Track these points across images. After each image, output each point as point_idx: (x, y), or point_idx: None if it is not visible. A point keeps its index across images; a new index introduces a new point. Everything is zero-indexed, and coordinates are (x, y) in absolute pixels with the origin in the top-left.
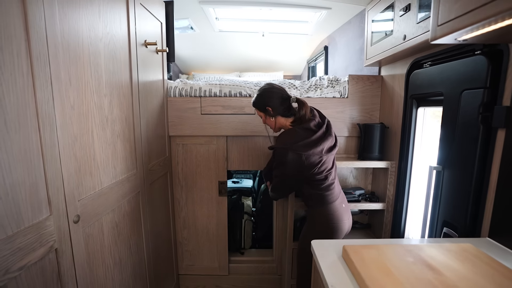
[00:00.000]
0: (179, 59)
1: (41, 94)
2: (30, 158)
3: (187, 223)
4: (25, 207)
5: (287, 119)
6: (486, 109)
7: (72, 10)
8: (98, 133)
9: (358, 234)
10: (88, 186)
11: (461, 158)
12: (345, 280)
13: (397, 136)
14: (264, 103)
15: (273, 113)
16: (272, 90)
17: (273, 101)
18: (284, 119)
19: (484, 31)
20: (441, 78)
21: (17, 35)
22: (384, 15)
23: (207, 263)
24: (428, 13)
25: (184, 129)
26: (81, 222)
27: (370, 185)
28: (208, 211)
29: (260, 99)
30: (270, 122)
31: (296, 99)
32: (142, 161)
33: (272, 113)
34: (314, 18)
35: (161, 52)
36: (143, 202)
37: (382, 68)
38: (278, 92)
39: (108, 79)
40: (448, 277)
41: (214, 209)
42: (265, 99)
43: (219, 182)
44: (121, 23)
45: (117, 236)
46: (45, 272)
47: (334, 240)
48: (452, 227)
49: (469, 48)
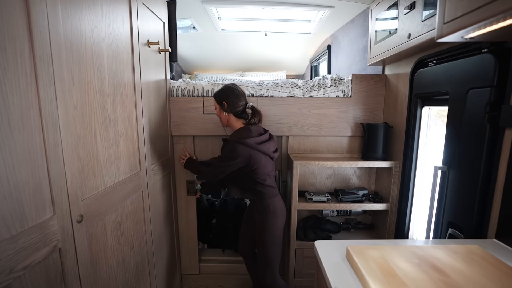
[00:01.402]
0: (181, 59)
1: (44, 94)
2: (34, 158)
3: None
4: (28, 207)
5: (237, 120)
6: (493, 108)
7: (75, 10)
8: (101, 133)
9: (362, 234)
10: (91, 186)
11: (467, 158)
12: (349, 281)
13: (401, 135)
14: (223, 97)
15: (227, 109)
16: (234, 90)
17: (231, 99)
18: (235, 119)
19: (492, 28)
20: (446, 77)
21: (20, 35)
22: (388, 13)
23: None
24: (433, 10)
25: (187, 129)
26: (84, 222)
27: (373, 185)
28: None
29: (221, 92)
30: (222, 116)
31: (251, 106)
32: (145, 161)
33: (226, 108)
34: (317, 17)
35: (164, 52)
36: (146, 202)
37: (386, 67)
38: (238, 94)
39: (111, 79)
40: (455, 279)
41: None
42: (225, 94)
43: (187, 182)
44: (124, 23)
45: (120, 236)
46: (49, 272)
47: (337, 241)
48: (458, 228)
49: (475, 46)
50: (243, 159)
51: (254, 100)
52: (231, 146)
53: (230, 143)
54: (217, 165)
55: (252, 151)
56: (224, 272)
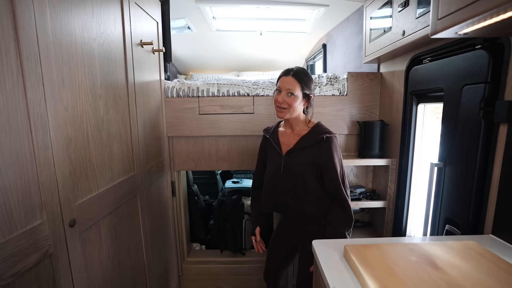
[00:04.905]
0: (177, 60)
1: (32, 95)
2: (22, 161)
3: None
4: (17, 211)
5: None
6: (488, 104)
7: (64, 10)
8: (94, 135)
9: (360, 232)
10: (84, 189)
11: (463, 154)
12: (347, 280)
13: (397, 133)
14: (311, 87)
15: (310, 103)
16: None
17: (312, 90)
18: (303, 115)
19: (485, 23)
20: (441, 74)
21: (6, 35)
22: (383, 11)
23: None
24: (427, 7)
25: (183, 130)
26: (77, 226)
27: (371, 183)
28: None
29: (309, 79)
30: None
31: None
32: (140, 162)
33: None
34: (312, 15)
35: (158, 52)
36: (142, 204)
37: (381, 65)
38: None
39: (103, 79)
40: (453, 276)
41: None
42: (312, 83)
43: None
44: (116, 22)
45: (115, 239)
46: (40, 278)
47: (335, 240)
48: (455, 224)
49: (469, 42)
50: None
51: (250, 99)
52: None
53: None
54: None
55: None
56: (223, 273)
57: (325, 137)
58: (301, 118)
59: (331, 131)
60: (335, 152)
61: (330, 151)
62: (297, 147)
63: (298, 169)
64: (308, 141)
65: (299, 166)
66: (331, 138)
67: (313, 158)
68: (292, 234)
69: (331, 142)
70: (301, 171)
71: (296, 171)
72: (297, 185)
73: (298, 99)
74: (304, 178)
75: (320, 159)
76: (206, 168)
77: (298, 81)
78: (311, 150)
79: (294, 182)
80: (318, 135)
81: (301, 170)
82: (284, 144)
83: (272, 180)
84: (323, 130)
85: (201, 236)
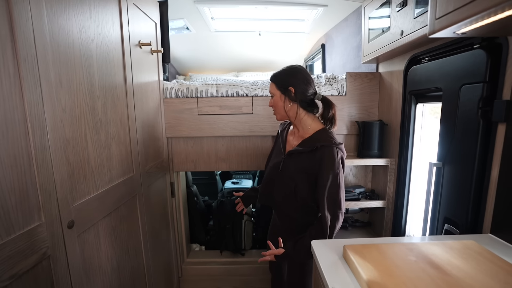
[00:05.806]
0: (175, 60)
1: (29, 96)
2: (20, 163)
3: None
4: (15, 214)
5: (308, 114)
6: (486, 103)
7: (61, 10)
8: (92, 136)
9: (359, 232)
10: (83, 191)
11: (462, 154)
12: (346, 281)
13: (396, 133)
14: (288, 81)
15: (293, 97)
16: (302, 72)
17: (299, 84)
18: (306, 114)
19: (483, 23)
20: (439, 73)
21: (2, 35)
22: (381, 11)
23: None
24: (425, 7)
25: (182, 130)
26: (75, 227)
27: (370, 183)
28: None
29: (284, 75)
30: (286, 108)
31: (322, 97)
32: (139, 163)
33: (293, 96)
34: (311, 16)
35: (156, 52)
36: (141, 205)
37: (380, 65)
38: (308, 78)
39: (101, 80)
40: (452, 275)
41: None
42: (290, 77)
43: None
44: (114, 23)
45: (114, 241)
46: (38, 280)
47: (334, 240)
48: (454, 223)
49: (467, 42)
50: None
51: (249, 100)
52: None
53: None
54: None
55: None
56: (223, 274)
57: (320, 146)
58: (304, 120)
59: (334, 141)
60: (330, 164)
61: (323, 162)
62: (296, 150)
63: (292, 173)
64: (306, 146)
65: (294, 170)
66: (330, 148)
67: (308, 166)
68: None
69: (328, 153)
70: (294, 176)
71: (290, 175)
72: (290, 188)
73: (277, 97)
74: (296, 183)
75: (314, 168)
76: (205, 169)
77: (272, 81)
78: (307, 156)
79: (288, 184)
80: (315, 142)
81: (294, 175)
82: (289, 143)
83: (270, 175)
84: (323, 138)
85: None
